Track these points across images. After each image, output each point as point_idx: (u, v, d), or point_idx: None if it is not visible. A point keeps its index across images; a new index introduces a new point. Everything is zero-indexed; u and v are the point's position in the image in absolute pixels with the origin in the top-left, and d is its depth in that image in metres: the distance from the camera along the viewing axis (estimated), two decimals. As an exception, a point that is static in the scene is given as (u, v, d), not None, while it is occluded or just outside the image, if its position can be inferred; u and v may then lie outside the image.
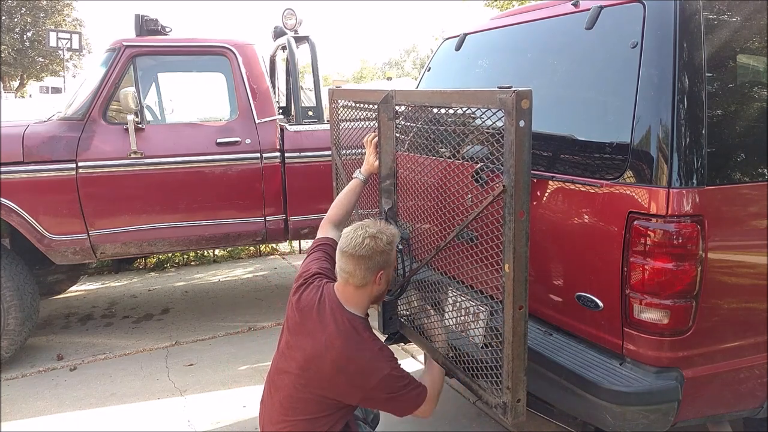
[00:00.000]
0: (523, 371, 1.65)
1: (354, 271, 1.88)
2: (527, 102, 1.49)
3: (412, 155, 2.18)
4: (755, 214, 1.85)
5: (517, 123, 1.49)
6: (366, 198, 2.57)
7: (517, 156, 1.52)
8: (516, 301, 1.60)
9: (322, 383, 1.84)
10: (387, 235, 1.95)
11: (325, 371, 1.82)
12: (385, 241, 1.92)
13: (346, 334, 1.84)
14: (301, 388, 1.88)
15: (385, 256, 1.93)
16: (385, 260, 1.93)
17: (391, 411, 1.90)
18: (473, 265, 1.86)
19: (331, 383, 1.83)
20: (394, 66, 53.02)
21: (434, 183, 2.04)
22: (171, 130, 4.04)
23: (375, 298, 1.99)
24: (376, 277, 1.91)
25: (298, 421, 1.89)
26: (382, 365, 1.82)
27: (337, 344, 1.82)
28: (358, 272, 1.88)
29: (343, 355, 1.81)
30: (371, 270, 1.89)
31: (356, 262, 1.88)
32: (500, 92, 1.53)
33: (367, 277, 1.90)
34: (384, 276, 1.95)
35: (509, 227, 1.56)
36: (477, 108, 1.68)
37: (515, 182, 1.53)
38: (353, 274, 1.89)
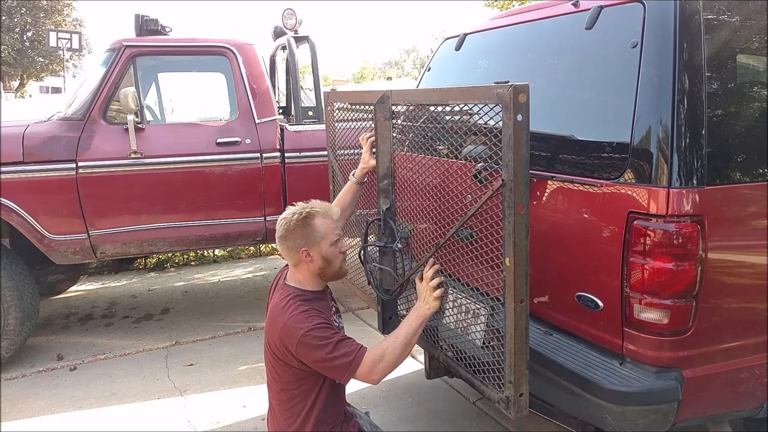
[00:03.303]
0: (525, 365, 1.65)
1: (283, 252, 1.99)
2: (524, 96, 1.49)
3: (409, 155, 2.18)
4: (755, 214, 1.85)
5: (514, 117, 1.49)
6: (365, 198, 2.57)
7: (516, 150, 1.52)
8: (517, 294, 1.60)
9: (275, 352, 1.92)
10: (299, 212, 1.96)
11: (271, 340, 1.93)
12: (296, 219, 1.95)
13: (280, 303, 1.93)
14: (270, 361, 1.98)
15: (301, 233, 1.93)
16: (303, 236, 1.93)
17: (331, 375, 1.87)
18: (473, 263, 1.86)
19: (277, 349, 1.90)
20: (394, 66, 53.02)
21: (432, 182, 2.04)
22: (171, 130, 4.05)
23: (319, 274, 1.99)
24: (300, 254, 1.94)
25: (278, 391, 1.98)
26: (301, 325, 1.83)
27: (273, 313, 1.94)
28: (285, 253, 1.99)
29: (276, 321, 1.90)
30: (293, 249, 1.95)
31: (279, 244, 1.99)
32: (497, 87, 1.53)
33: (293, 256, 1.96)
34: (313, 252, 1.94)
35: (509, 221, 1.57)
36: (474, 104, 1.68)
37: (514, 176, 1.53)
38: (284, 255, 2.01)
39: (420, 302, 1.95)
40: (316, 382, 1.92)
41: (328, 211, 2.02)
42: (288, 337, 1.84)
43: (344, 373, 1.82)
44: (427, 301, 1.93)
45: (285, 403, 1.96)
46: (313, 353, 1.81)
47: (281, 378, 1.94)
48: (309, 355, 1.82)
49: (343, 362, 1.80)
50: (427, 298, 1.93)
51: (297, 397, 1.93)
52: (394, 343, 1.85)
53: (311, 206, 1.99)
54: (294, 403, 1.93)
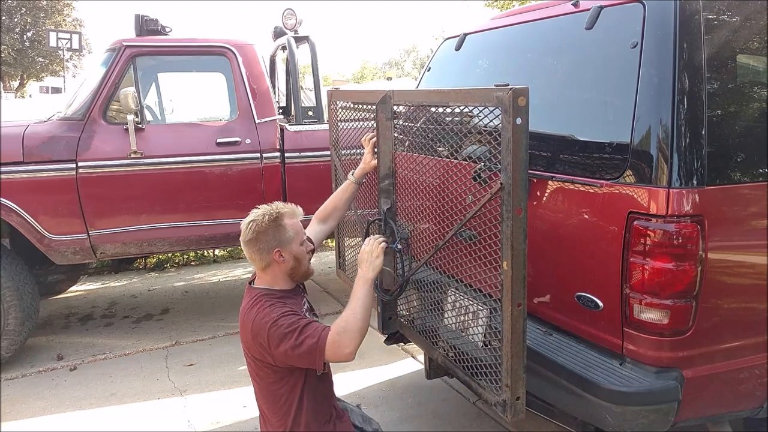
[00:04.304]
0: (522, 369, 1.65)
1: (252, 256, 1.97)
2: (524, 99, 1.49)
3: (410, 155, 2.18)
4: (755, 214, 1.85)
5: (514, 120, 1.49)
6: (366, 198, 2.58)
7: (515, 153, 1.52)
8: (515, 298, 1.60)
9: (253, 354, 1.92)
10: (269, 213, 1.95)
11: (246, 342, 1.93)
12: (267, 220, 1.94)
13: (247, 305, 1.95)
14: (250, 364, 1.99)
15: (274, 233, 1.93)
16: (276, 237, 1.93)
17: (304, 363, 1.84)
18: (473, 264, 1.86)
19: (254, 350, 1.90)
20: (394, 66, 53.01)
21: (433, 183, 2.04)
22: (171, 130, 4.05)
23: (290, 274, 1.99)
24: (273, 255, 1.94)
25: (264, 394, 1.98)
26: (267, 318, 1.85)
27: (243, 317, 1.95)
28: (255, 255, 1.96)
29: (246, 323, 1.92)
30: (264, 251, 1.94)
31: (247, 247, 1.96)
32: (497, 90, 1.53)
33: (264, 258, 1.95)
34: (285, 252, 1.95)
35: (507, 224, 1.57)
36: (474, 106, 1.68)
37: (513, 179, 1.53)
38: (253, 259, 1.98)
39: (363, 270, 1.95)
40: (299, 377, 1.92)
41: (294, 212, 2.02)
42: (259, 333, 1.84)
43: (314, 355, 1.78)
44: (371, 263, 1.94)
45: (273, 404, 1.95)
46: (283, 344, 1.80)
47: (264, 379, 1.94)
48: (280, 347, 1.81)
49: (309, 344, 1.78)
50: (373, 262, 1.94)
51: (283, 396, 1.92)
52: (354, 313, 1.84)
53: (278, 207, 1.99)
54: (282, 403, 1.93)
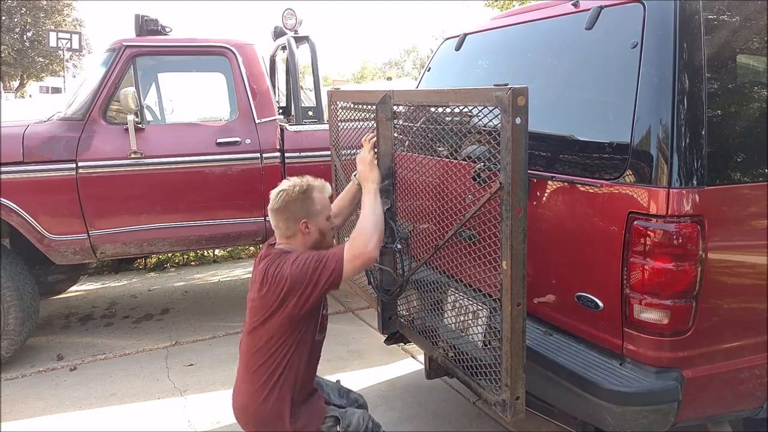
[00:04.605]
0: (521, 368, 1.65)
1: (277, 224, 2.03)
2: (523, 99, 1.49)
3: (410, 155, 2.18)
4: (755, 214, 1.85)
5: (513, 120, 1.49)
6: None
7: (514, 153, 1.52)
8: (514, 298, 1.60)
9: (262, 299, 1.92)
10: (299, 185, 2.03)
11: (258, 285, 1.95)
12: (298, 191, 2.01)
13: (266, 254, 2.00)
14: (249, 323, 1.99)
15: (302, 205, 2.00)
16: (304, 209, 2.00)
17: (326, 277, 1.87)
18: (472, 264, 1.86)
19: (265, 296, 1.91)
20: (394, 66, 53.00)
21: (433, 183, 2.04)
22: (171, 130, 4.04)
23: (312, 247, 2.04)
24: (299, 226, 1.99)
25: (252, 349, 1.97)
26: (291, 257, 1.92)
27: (263, 268, 1.96)
28: (281, 224, 2.02)
29: (263, 266, 1.95)
30: (291, 220, 1.99)
31: (275, 215, 2.02)
32: (496, 90, 1.53)
33: (291, 227, 2.00)
34: (312, 225, 2.01)
35: (506, 224, 1.57)
36: (474, 106, 1.68)
37: (512, 179, 1.53)
38: (278, 227, 2.03)
39: (364, 187, 2.07)
40: (294, 342, 1.93)
41: (323, 187, 2.09)
42: (279, 269, 1.89)
43: (337, 261, 1.86)
44: (368, 176, 2.06)
45: (258, 369, 1.95)
46: (305, 260, 1.87)
47: (262, 335, 1.94)
48: (301, 264, 1.86)
49: (332, 253, 1.90)
50: (369, 175, 2.07)
51: (271, 359, 1.93)
52: (364, 218, 1.95)
53: (309, 180, 2.06)
54: (266, 368, 1.93)
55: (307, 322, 1.97)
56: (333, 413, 2.07)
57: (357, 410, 2.16)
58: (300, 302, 1.87)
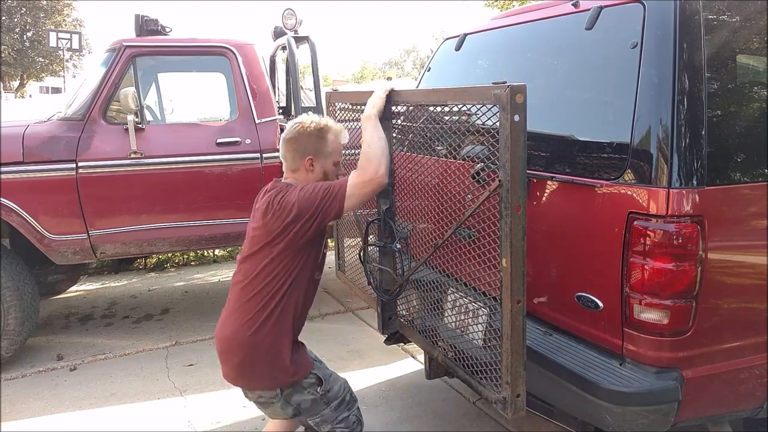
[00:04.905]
0: (522, 366, 1.65)
1: (285, 154, 2.04)
2: (521, 97, 1.49)
3: (409, 155, 2.18)
4: (755, 214, 1.85)
5: (511, 118, 1.49)
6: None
7: (513, 150, 1.52)
8: (514, 295, 1.60)
9: (266, 231, 1.91)
10: (318, 122, 2.03)
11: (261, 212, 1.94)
12: (314, 127, 2.02)
13: (272, 186, 2.00)
14: (255, 239, 1.96)
15: (313, 141, 2.01)
16: (314, 146, 2.01)
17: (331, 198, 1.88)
18: (472, 263, 1.86)
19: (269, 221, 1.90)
20: (394, 66, 53.02)
21: (431, 182, 2.04)
22: (171, 130, 4.04)
23: None
24: (304, 161, 2.01)
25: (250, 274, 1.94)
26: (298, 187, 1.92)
27: (262, 194, 2.00)
28: (288, 155, 2.03)
29: (267, 195, 1.95)
30: (298, 153, 2.01)
31: (285, 144, 2.04)
32: (495, 88, 1.53)
33: (296, 160, 2.02)
34: (317, 164, 2.02)
35: (506, 221, 1.57)
36: (472, 104, 1.68)
37: (511, 177, 1.53)
38: (285, 158, 2.05)
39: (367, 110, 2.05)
40: (294, 270, 1.92)
41: (340, 132, 2.08)
42: (286, 195, 1.89)
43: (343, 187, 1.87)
44: (371, 100, 2.06)
45: (253, 297, 1.92)
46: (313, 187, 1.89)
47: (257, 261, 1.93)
48: (310, 195, 1.87)
49: (341, 180, 1.91)
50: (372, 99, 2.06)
51: (268, 287, 1.91)
52: (368, 143, 1.95)
53: (328, 121, 2.07)
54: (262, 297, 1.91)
55: (308, 252, 1.94)
56: (317, 371, 2.03)
57: (340, 378, 2.12)
58: (304, 229, 1.87)
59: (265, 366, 1.93)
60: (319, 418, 2.03)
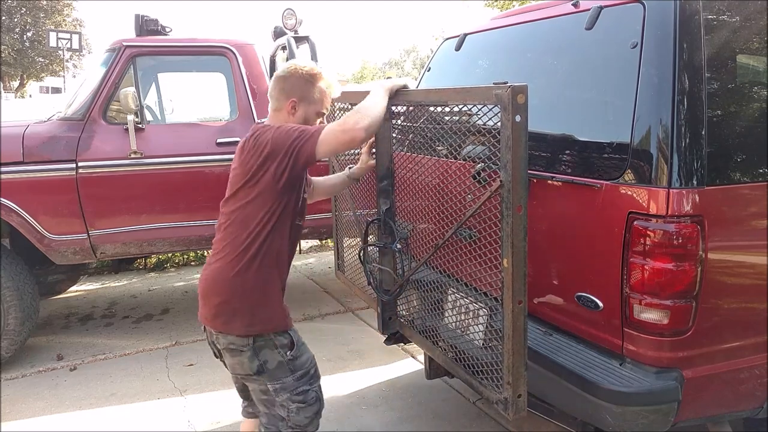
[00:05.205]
0: (523, 366, 1.65)
1: (272, 92, 2.01)
2: (523, 97, 1.49)
3: (409, 155, 2.18)
4: (755, 214, 1.85)
5: (513, 118, 1.49)
6: (364, 198, 2.57)
7: (514, 151, 1.52)
8: (515, 295, 1.60)
9: (243, 170, 1.88)
10: (311, 68, 2.00)
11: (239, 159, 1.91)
12: (306, 71, 1.99)
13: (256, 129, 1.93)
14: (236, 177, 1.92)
15: (302, 84, 1.97)
16: (301, 89, 1.97)
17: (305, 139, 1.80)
18: (473, 263, 1.86)
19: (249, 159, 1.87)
20: (394, 66, 53.03)
21: (432, 182, 2.04)
22: (171, 130, 4.04)
23: None
24: (288, 103, 1.97)
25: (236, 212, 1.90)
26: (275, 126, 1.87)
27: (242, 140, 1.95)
28: (274, 93, 2.00)
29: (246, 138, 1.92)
30: (284, 92, 1.97)
31: (274, 82, 2.00)
32: (496, 88, 1.53)
33: (281, 100, 1.98)
34: (300, 108, 1.98)
35: (507, 222, 1.57)
36: (473, 105, 1.68)
37: (512, 177, 1.53)
38: (271, 95, 2.01)
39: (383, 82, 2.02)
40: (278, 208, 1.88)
41: (332, 85, 2.05)
42: (262, 136, 1.85)
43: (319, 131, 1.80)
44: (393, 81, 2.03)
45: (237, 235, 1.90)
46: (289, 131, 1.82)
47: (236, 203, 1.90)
48: (285, 133, 1.82)
49: (320, 126, 1.85)
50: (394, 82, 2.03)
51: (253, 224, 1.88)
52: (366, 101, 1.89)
53: (323, 71, 2.03)
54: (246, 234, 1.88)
55: (286, 196, 1.89)
56: (292, 334, 1.98)
57: (309, 350, 2.06)
58: (280, 169, 1.81)
59: (245, 309, 1.88)
60: (279, 384, 1.95)
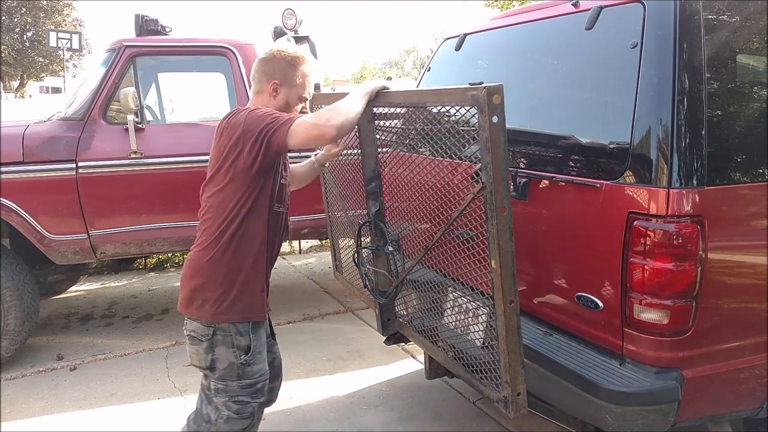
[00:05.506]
0: (520, 364, 1.64)
1: (254, 74, 2.00)
2: (498, 97, 1.47)
3: (397, 154, 2.14)
4: (755, 214, 1.85)
5: (490, 119, 1.47)
6: (354, 198, 2.53)
7: (494, 152, 1.50)
8: (506, 296, 1.59)
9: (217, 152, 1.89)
10: (294, 51, 1.99)
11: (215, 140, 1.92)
12: (288, 54, 1.98)
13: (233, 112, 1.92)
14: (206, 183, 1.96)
15: (284, 67, 1.97)
16: (283, 72, 1.97)
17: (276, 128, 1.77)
18: (466, 263, 1.86)
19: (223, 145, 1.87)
20: (394, 66, 53.02)
21: (420, 182, 2.01)
22: (171, 130, 4.05)
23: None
24: (270, 85, 1.97)
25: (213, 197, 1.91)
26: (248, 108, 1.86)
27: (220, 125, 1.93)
28: (256, 75, 1.99)
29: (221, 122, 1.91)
30: (266, 74, 1.97)
31: (256, 65, 2.00)
32: (471, 89, 1.51)
33: (262, 82, 1.98)
34: (281, 91, 1.97)
35: (492, 223, 1.55)
36: (451, 106, 1.67)
37: (494, 178, 1.51)
38: (253, 78, 2.01)
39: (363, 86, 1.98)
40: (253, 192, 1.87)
41: (314, 69, 2.04)
42: (236, 117, 1.84)
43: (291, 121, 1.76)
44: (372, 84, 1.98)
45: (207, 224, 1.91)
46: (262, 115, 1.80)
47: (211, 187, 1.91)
48: (258, 117, 1.79)
49: (294, 115, 1.82)
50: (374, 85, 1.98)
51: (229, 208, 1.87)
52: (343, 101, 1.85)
53: (306, 55, 2.02)
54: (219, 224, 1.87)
55: (260, 182, 1.88)
56: (252, 340, 1.95)
57: (265, 366, 2.03)
58: (252, 153, 1.79)
59: (216, 296, 1.88)
60: (222, 385, 1.94)
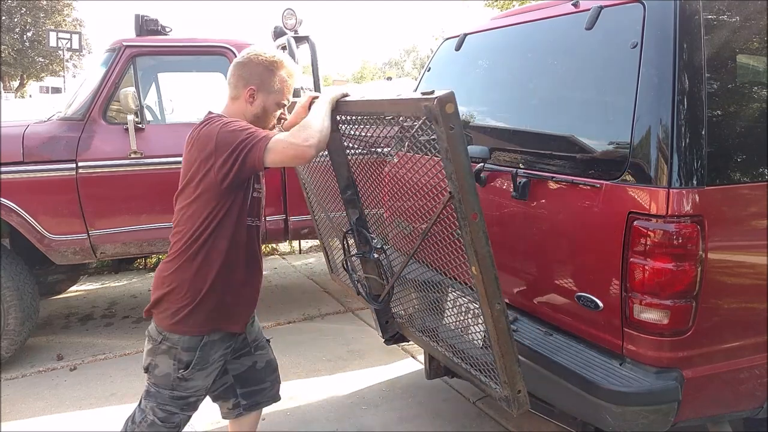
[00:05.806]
0: (515, 363, 1.63)
1: (230, 78, 1.93)
2: (452, 106, 1.41)
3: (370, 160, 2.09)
4: (755, 214, 1.85)
5: (447, 130, 1.42)
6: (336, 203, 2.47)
7: (455, 162, 1.46)
8: (491, 300, 1.57)
9: (187, 164, 1.85)
10: (272, 55, 1.92)
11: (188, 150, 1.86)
12: (266, 58, 1.90)
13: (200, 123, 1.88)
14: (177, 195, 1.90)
15: (261, 72, 1.89)
16: (260, 77, 1.89)
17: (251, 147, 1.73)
18: (455, 259, 1.85)
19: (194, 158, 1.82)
20: (394, 66, 53.05)
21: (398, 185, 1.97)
22: (171, 130, 4.04)
23: (250, 121, 1.90)
24: (246, 91, 1.90)
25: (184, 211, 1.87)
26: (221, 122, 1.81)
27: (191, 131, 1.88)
28: (232, 80, 1.92)
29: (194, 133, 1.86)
30: (243, 79, 1.90)
31: (232, 69, 1.93)
32: (423, 100, 1.44)
33: (239, 87, 1.91)
34: (259, 97, 1.91)
35: (466, 231, 1.54)
36: (407, 117, 1.61)
37: (460, 187, 1.48)
38: (229, 83, 1.94)
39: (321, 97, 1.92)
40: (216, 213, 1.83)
41: (294, 74, 1.96)
42: (210, 129, 1.79)
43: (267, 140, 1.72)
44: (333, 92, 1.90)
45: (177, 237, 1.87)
46: (236, 131, 1.75)
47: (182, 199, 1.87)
48: (231, 133, 1.74)
49: (270, 133, 1.78)
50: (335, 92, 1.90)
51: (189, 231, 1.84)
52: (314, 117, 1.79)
53: (285, 58, 1.94)
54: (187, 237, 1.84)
55: (231, 196, 1.83)
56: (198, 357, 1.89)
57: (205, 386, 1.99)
58: (224, 169, 1.74)
59: (173, 307, 1.86)
60: (154, 390, 1.95)
